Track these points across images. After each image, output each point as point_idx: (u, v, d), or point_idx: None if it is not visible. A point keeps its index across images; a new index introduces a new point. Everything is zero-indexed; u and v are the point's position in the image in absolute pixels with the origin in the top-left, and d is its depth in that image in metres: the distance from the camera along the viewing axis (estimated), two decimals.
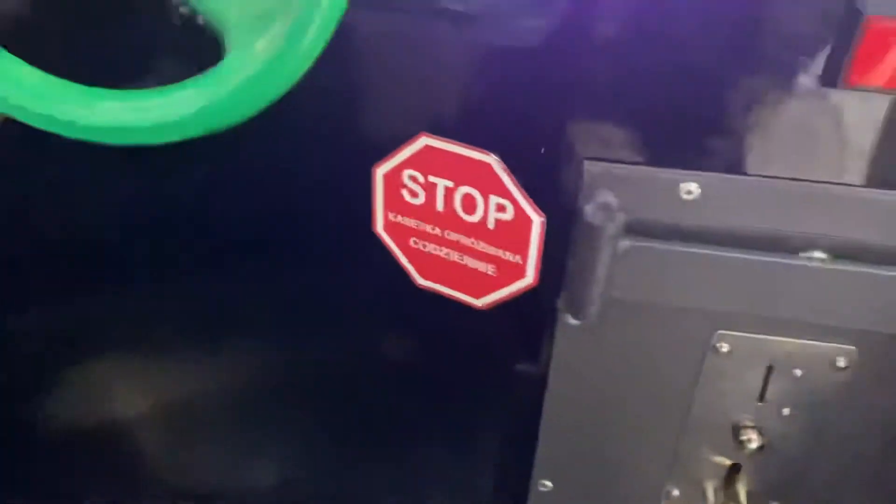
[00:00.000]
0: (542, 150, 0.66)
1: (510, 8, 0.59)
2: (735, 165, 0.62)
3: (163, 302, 0.86)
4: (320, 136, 0.72)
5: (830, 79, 0.55)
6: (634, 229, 0.64)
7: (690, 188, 0.62)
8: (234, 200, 0.78)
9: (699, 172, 0.62)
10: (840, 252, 0.63)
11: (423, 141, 0.69)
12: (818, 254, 0.64)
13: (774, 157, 0.61)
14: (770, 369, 0.71)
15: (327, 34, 0.49)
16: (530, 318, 0.76)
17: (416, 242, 0.76)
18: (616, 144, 0.63)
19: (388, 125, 0.70)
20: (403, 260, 0.77)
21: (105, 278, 0.86)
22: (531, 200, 0.67)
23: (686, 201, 0.62)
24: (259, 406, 0.91)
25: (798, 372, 0.70)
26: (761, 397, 0.72)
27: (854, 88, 0.55)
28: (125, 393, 0.93)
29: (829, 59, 0.54)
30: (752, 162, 0.61)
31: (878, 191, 0.60)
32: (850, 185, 0.61)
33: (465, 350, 0.84)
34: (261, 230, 0.80)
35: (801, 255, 0.63)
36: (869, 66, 0.53)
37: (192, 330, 0.89)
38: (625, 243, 0.63)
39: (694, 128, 0.61)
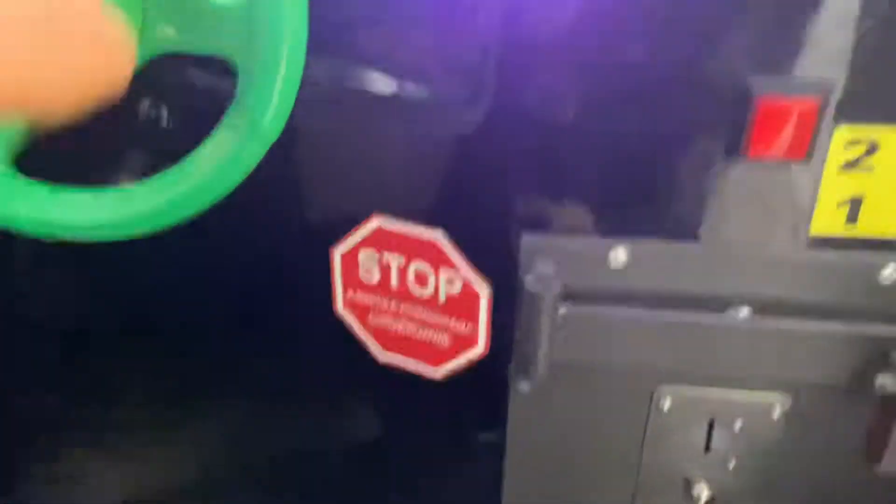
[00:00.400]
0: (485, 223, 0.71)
1: (448, 97, 0.65)
2: (660, 232, 0.67)
3: (130, 383, 0.89)
4: (279, 222, 0.77)
5: (735, 152, 0.61)
6: (572, 296, 0.68)
7: (619, 255, 0.67)
8: (198, 288, 0.82)
9: (627, 239, 0.67)
10: (765, 308, 0.68)
11: (376, 222, 0.74)
12: (745, 310, 0.68)
13: (695, 223, 0.66)
14: (712, 422, 0.74)
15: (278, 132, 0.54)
16: (489, 385, 0.79)
17: (374, 318, 0.80)
18: (551, 217, 0.69)
19: (343, 209, 0.75)
20: (364, 336, 0.81)
21: (73, 358, 0.89)
22: (478, 273, 0.72)
23: (616, 268, 0.67)
24: (226, 486, 0.92)
25: (739, 423, 0.74)
26: (707, 449, 0.76)
27: (757, 159, 0.61)
28: (95, 469, 0.94)
29: (733, 133, 0.60)
30: (676, 228, 0.67)
31: (793, 249, 0.66)
32: (765, 244, 0.66)
33: (428, 421, 0.87)
34: (226, 315, 0.84)
35: (729, 311, 0.68)
36: (765, 139, 0.59)
37: (161, 413, 0.92)
38: (563, 310, 0.68)
39: (622, 199, 0.67)
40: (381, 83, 0.67)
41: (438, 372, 0.79)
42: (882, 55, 0.57)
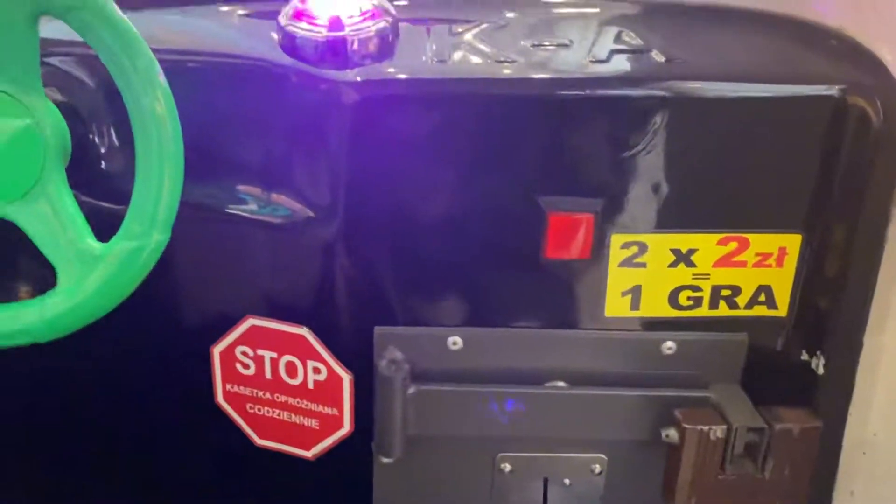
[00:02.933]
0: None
1: (302, 216, 0.79)
2: (491, 321, 0.81)
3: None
4: (162, 325, 0.87)
5: (537, 254, 0.76)
6: (419, 377, 0.81)
7: (456, 340, 0.81)
8: (88, 386, 0.90)
9: (462, 328, 0.81)
10: (576, 380, 0.83)
11: (250, 322, 0.85)
12: (560, 383, 0.83)
13: (515, 314, 0.81)
14: (546, 481, 0.88)
15: (151, 264, 0.65)
16: (357, 461, 0.89)
17: (251, 408, 0.90)
18: (399, 310, 0.82)
19: (220, 311, 0.86)
20: (242, 424, 0.91)
21: None
22: (340, 362, 0.83)
23: (454, 351, 0.81)
24: None
25: (567, 481, 0.87)
26: None
27: (554, 259, 0.76)
28: None
29: (534, 239, 0.76)
30: (502, 317, 0.81)
31: (592, 331, 0.81)
32: (572, 328, 0.81)
33: (303, 497, 0.96)
34: (117, 412, 0.92)
35: (547, 385, 0.83)
36: (558, 244, 0.75)
37: None
38: (412, 389, 0.81)
39: (457, 297, 0.81)
40: (250, 206, 0.80)
41: (311, 452, 0.90)
42: (640, 178, 0.74)
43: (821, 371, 0.80)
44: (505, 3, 0.83)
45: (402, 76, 0.74)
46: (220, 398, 0.90)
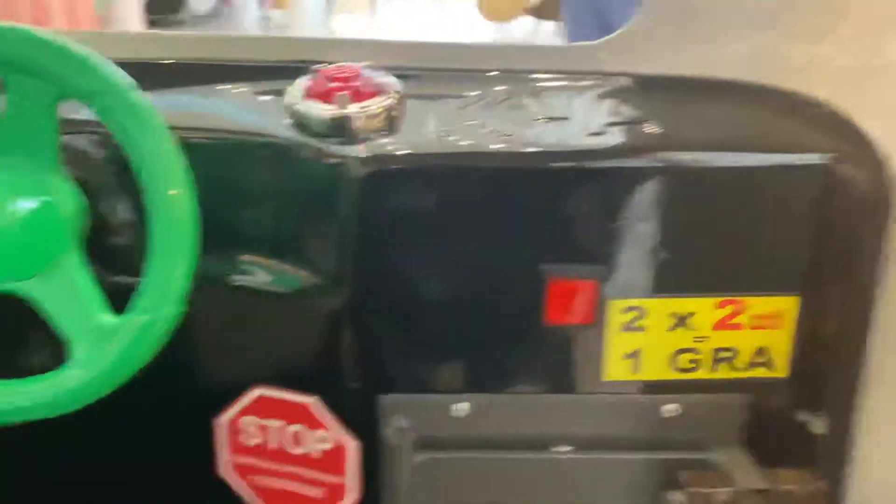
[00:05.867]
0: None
1: (309, 287, 0.81)
2: (494, 387, 0.83)
3: None
4: (168, 395, 0.88)
5: (539, 321, 0.78)
6: (426, 444, 0.82)
7: (462, 407, 0.82)
8: (91, 455, 0.90)
9: (467, 394, 0.82)
10: (582, 444, 0.83)
11: (257, 392, 0.86)
12: (565, 448, 0.84)
13: (517, 378, 0.83)
14: None
15: (165, 336, 0.67)
16: None
17: (256, 478, 0.90)
18: (405, 378, 0.83)
19: (227, 381, 0.87)
20: (248, 495, 0.91)
21: None
22: (345, 430, 0.84)
23: (460, 418, 0.82)
24: None
25: None
26: None
27: (555, 325, 0.78)
28: None
29: (536, 306, 0.78)
30: (505, 383, 0.83)
31: (594, 395, 0.82)
32: (575, 393, 0.83)
33: None
34: (118, 481, 0.91)
35: (553, 450, 0.83)
36: (559, 310, 0.77)
37: None
38: (419, 457, 0.81)
39: (461, 362, 0.82)
40: (258, 278, 0.82)
41: None
42: (638, 245, 0.77)
43: (821, 431, 0.81)
44: (510, 79, 0.86)
45: (404, 151, 0.77)
46: (224, 469, 0.90)
